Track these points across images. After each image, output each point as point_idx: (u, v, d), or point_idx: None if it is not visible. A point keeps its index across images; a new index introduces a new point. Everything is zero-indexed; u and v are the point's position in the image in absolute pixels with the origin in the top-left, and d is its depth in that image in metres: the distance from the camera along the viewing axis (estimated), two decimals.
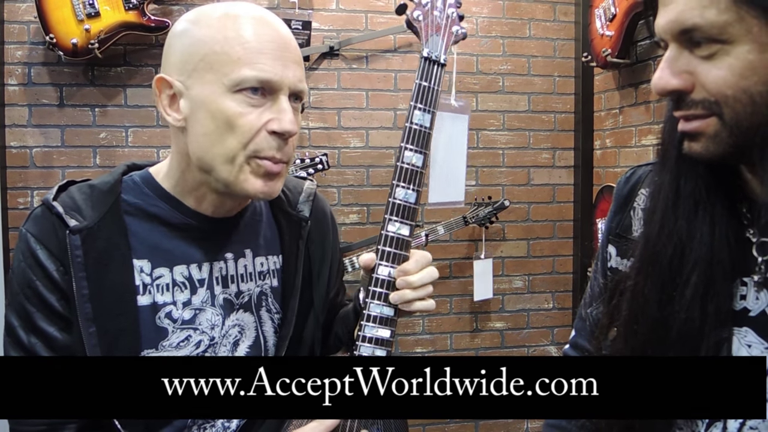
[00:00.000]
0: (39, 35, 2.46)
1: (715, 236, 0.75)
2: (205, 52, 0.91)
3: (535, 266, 3.04)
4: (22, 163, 2.54)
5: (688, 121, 0.73)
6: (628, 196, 0.96)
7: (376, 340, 1.03)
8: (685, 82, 0.71)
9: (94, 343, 0.91)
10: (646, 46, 2.53)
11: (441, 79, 1.04)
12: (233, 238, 1.05)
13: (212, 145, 0.92)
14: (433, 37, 1.04)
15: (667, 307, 0.77)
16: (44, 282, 0.91)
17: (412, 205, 1.03)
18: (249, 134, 0.90)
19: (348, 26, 2.77)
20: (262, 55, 0.90)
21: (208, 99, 0.91)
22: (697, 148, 0.73)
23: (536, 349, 3.04)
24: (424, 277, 1.02)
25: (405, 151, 1.02)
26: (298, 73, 0.94)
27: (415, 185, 1.03)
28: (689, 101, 0.71)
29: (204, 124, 0.91)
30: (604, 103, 2.88)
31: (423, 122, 1.03)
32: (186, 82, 0.93)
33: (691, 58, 0.70)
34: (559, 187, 3.04)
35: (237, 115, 0.90)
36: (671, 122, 0.80)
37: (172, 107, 0.95)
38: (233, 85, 0.89)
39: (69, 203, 0.95)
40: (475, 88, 2.92)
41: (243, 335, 1.05)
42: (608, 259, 0.98)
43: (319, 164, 2.58)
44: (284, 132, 0.92)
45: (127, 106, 2.62)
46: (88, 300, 0.91)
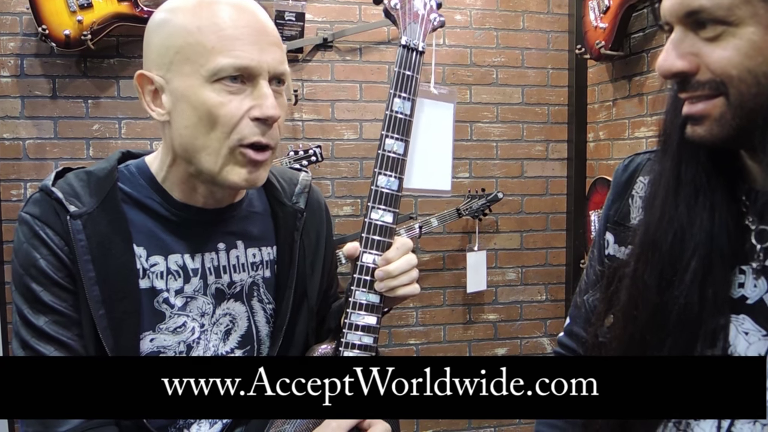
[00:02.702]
0: (31, 26, 2.44)
1: (714, 223, 0.76)
2: (180, 44, 0.90)
3: (528, 258, 3.05)
4: (15, 155, 2.53)
5: (694, 103, 0.73)
6: (627, 183, 0.97)
7: (362, 327, 1.03)
8: (690, 64, 0.72)
9: (105, 325, 0.91)
10: (639, 39, 2.54)
11: (420, 67, 1.05)
12: (224, 230, 1.05)
13: (195, 137, 0.91)
14: (411, 25, 1.05)
15: (667, 292, 0.77)
16: (50, 259, 0.91)
17: (395, 193, 1.03)
18: (231, 123, 0.90)
19: (341, 18, 2.77)
20: (238, 41, 0.89)
21: (187, 91, 0.90)
22: (700, 132, 0.74)
23: (529, 341, 3.06)
24: (401, 266, 1.02)
25: (386, 139, 1.03)
26: (277, 55, 0.93)
27: (397, 172, 1.03)
28: (695, 83, 0.72)
29: (186, 116, 0.91)
30: (597, 95, 2.89)
31: (403, 110, 1.03)
32: (165, 76, 0.92)
33: (696, 39, 0.71)
34: (552, 180, 3.05)
35: (218, 105, 0.89)
36: (673, 109, 0.80)
37: (155, 102, 0.95)
38: (211, 75, 0.89)
39: (67, 189, 0.95)
40: (469, 81, 2.92)
41: (235, 324, 1.05)
42: (606, 246, 0.98)
43: (312, 156, 2.58)
44: (266, 117, 0.91)
45: (120, 98, 2.61)
46: (95, 283, 0.91)
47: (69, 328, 0.92)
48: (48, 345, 0.91)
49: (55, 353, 0.90)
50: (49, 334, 0.91)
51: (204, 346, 1.02)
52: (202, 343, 1.01)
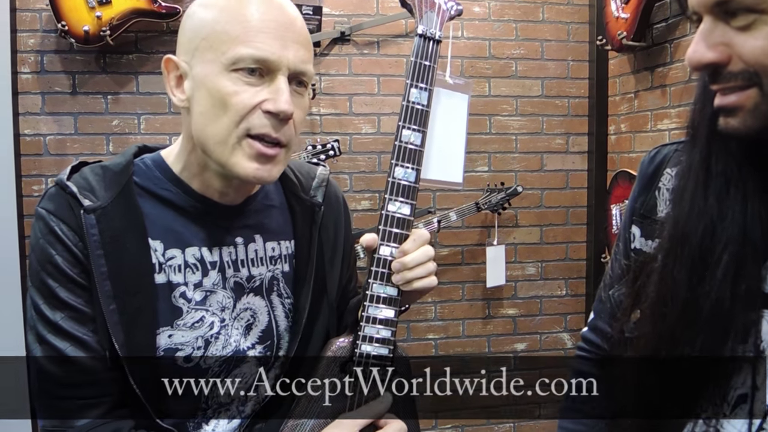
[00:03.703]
0: (51, 23, 2.46)
1: (747, 215, 0.74)
2: (207, 32, 0.90)
3: (548, 253, 3.02)
4: (36, 151, 2.55)
5: (726, 95, 0.71)
6: (653, 175, 0.94)
7: (380, 320, 1.02)
8: (721, 55, 0.69)
9: (116, 320, 0.91)
10: (662, 29, 2.50)
11: (437, 57, 1.03)
12: (242, 223, 1.05)
13: (207, 124, 0.91)
14: (428, 14, 1.03)
15: (697, 288, 0.75)
16: (65, 256, 0.91)
17: (412, 184, 1.02)
18: (242, 112, 0.89)
19: (359, 11, 2.75)
20: (261, 33, 0.88)
21: (206, 78, 0.90)
22: (734, 124, 0.71)
23: (549, 336, 3.03)
24: (417, 257, 1.01)
25: (403, 130, 1.01)
26: (300, 53, 0.92)
27: (415, 164, 1.02)
28: (726, 74, 0.70)
29: (202, 103, 0.91)
30: (618, 87, 2.85)
31: (420, 100, 1.02)
32: (190, 62, 0.92)
33: (726, 29, 0.69)
34: (572, 173, 3.01)
35: (231, 94, 0.88)
36: (702, 100, 0.78)
37: (178, 88, 0.95)
38: (230, 63, 0.88)
39: (82, 183, 0.95)
40: (488, 73, 2.89)
41: (255, 319, 1.04)
42: (632, 240, 0.96)
43: (330, 150, 2.57)
44: (279, 112, 0.89)
45: (139, 93, 2.61)
46: (107, 278, 0.91)
47: (84, 324, 0.91)
48: (64, 341, 0.90)
49: (71, 349, 0.90)
50: (66, 329, 0.91)
51: (224, 342, 1.01)
52: (221, 338, 1.00)
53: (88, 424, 0.90)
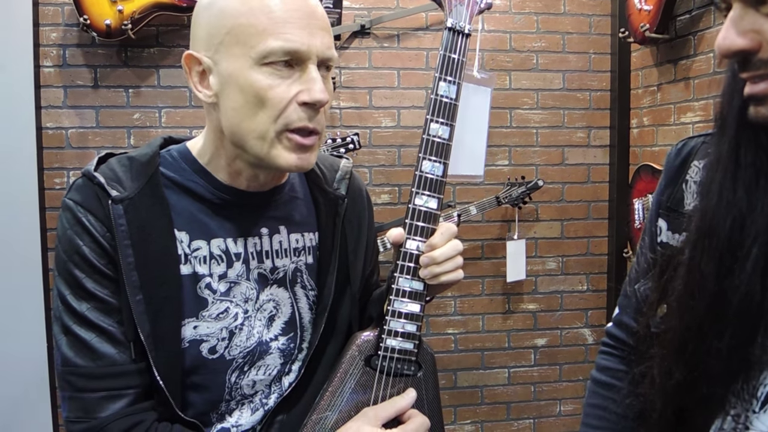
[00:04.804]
0: (73, 17, 2.47)
1: None
2: (231, 25, 0.89)
3: (569, 247, 3.00)
4: (58, 144, 2.58)
5: (756, 83, 0.69)
6: (680, 168, 0.93)
7: (405, 314, 1.03)
8: (752, 42, 0.68)
9: (142, 310, 0.91)
10: (686, 21, 2.46)
11: (466, 50, 1.02)
12: (268, 214, 1.05)
13: (242, 120, 0.91)
14: (457, 8, 1.02)
15: (726, 281, 0.74)
16: (92, 246, 0.91)
17: (440, 178, 1.02)
18: (279, 107, 0.89)
19: (379, 4, 2.74)
20: (288, 24, 0.88)
21: (236, 73, 0.89)
22: (764, 112, 0.70)
23: (570, 332, 3.01)
24: (446, 252, 1.01)
25: (431, 124, 1.01)
26: (326, 40, 0.92)
27: (442, 158, 1.02)
28: (757, 61, 0.68)
29: (234, 99, 0.91)
30: (641, 80, 2.82)
31: (449, 94, 1.01)
32: (214, 57, 0.92)
33: (757, 16, 0.67)
34: (594, 167, 2.98)
35: (266, 88, 0.88)
36: (731, 90, 0.76)
37: (202, 84, 0.94)
38: (260, 57, 0.88)
39: (109, 174, 0.95)
40: (509, 66, 2.87)
41: (278, 311, 1.05)
42: (658, 233, 0.95)
43: (350, 144, 2.57)
44: (315, 102, 0.90)
45: (160, 87, 2.63)
46: (134, 268, 0.91)
47: (110, 314, 0.92)
48: (90, 331, 0.91)
49: (96, 340, 0.91)
50: (91, 320, 0.91)
51: (247, 333, 1.01)
52: (245, 330, 1.01)
53: (112, 416, 0.90)
